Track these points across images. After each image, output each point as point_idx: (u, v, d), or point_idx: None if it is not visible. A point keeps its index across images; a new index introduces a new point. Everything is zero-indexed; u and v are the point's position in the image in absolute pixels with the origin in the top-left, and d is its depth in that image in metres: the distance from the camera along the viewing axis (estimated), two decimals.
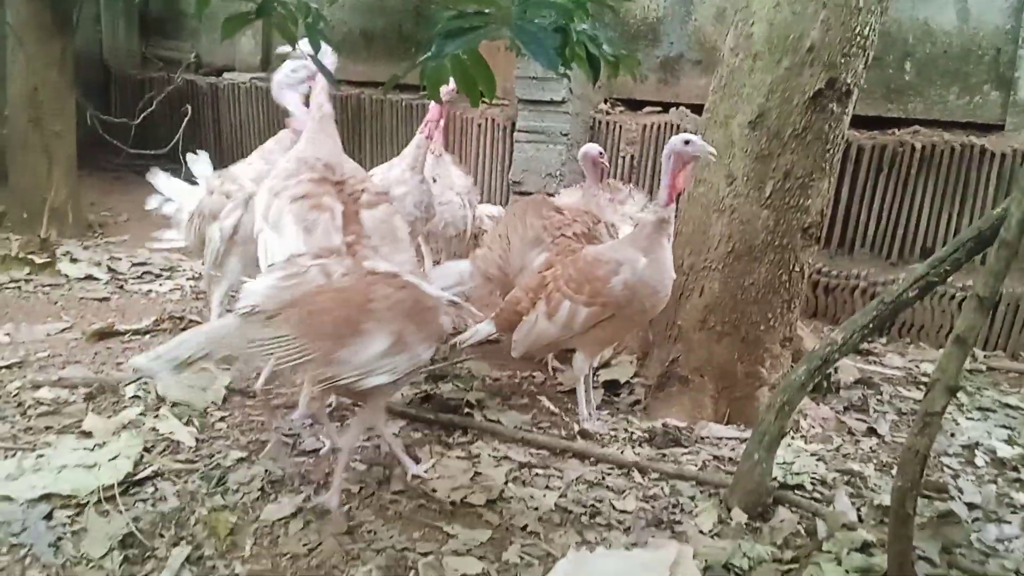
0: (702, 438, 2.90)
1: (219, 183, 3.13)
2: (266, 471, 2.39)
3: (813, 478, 2.58)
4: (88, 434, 2.52)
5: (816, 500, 2.45)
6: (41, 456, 2.35)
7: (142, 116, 6.11)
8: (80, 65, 6.50)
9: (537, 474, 2.52)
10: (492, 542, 2.15)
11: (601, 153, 3.56)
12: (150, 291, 4.18)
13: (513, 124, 5.17)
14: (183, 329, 3.44)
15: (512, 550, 2.11)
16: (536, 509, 2.31)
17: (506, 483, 2.43)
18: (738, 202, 3.01)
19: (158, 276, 4.41)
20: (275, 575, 1.97)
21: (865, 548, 2.16)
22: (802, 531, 2.29)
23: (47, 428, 2.57)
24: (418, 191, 3.46)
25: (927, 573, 2.10)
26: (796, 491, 2.49)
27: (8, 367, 3.04)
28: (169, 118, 6.29)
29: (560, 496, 2.39)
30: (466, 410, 2.93)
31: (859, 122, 4.32)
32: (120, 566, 1.93)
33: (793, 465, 2.66)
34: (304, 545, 2.07)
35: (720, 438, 2.90)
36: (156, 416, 2.66)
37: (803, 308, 3.74)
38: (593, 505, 2.36)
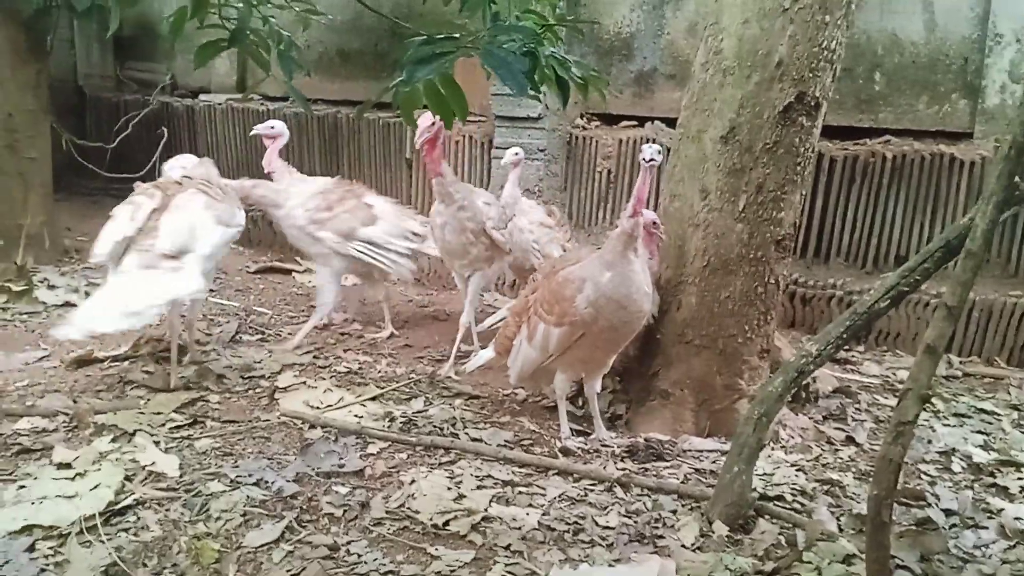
0: (684, 451, 2.92)
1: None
2: (248, 497, 2.38)
3: (793, 488, 2.61)
4: (68, 465, 2.50)
5: (796, 511, 2.47)
6: (22, 487, 2.34)
7: (118, 139, 6.08)
8: (55, 89, 6.46)
9: (520, 492, 2.53)
10: (476, 562, 2.15)
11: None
12: None
13: (491, 141, 5.20)
14: (162, 352, 3.43)
15: (496, 570, 2.12)
16: (519, 528, 2.31)
17: (490, 503, 2.44)
18: (712, 216, 3.05)
19: None
20: None
21: (846, 559, 2.18)
22: (783, 542, 2.31)
23: (26, 458, 2.56)
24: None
25: None
26: (776, 502, 2.51)
27: None
28: (145, 141, 6.27)
29: (543, 514, 2.39)
30: (450, 429, 2.94)
31: (831, 132, 4.39)
32: None
33: (773, 476, 2.69)
34: (288, 571, 2.06)
35: (701, 451, 2.92)
36: (134, 445, 2.65)
37: (781, 319, 3.80)
38: (576, 522, 2.37)
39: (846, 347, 3.42)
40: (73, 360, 3.40)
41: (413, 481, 2.54)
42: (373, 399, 3.20)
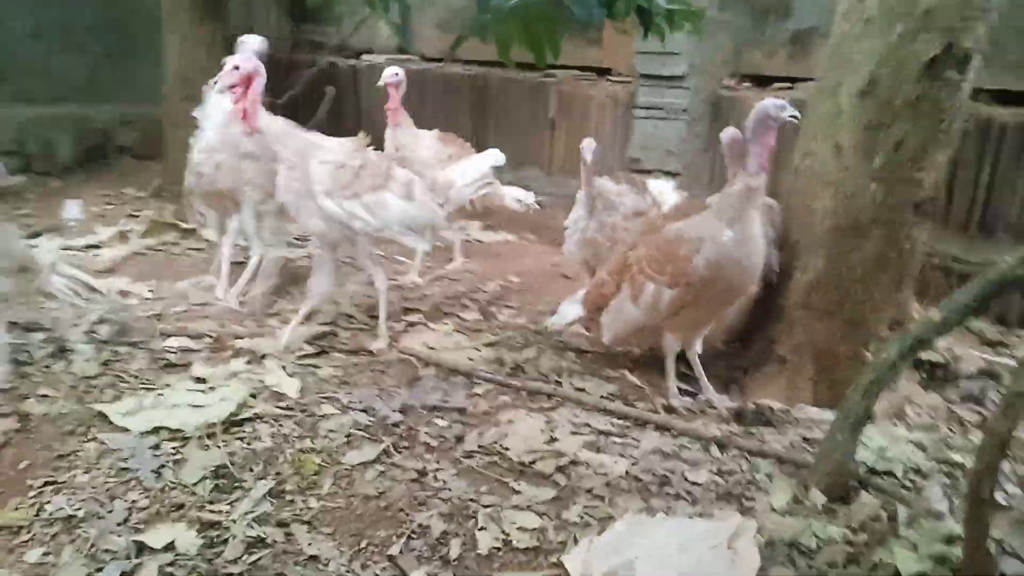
0: (796, 420, 2.81)
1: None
2: (354, 421, 2.53)
3: (907, 466, 2.45)
4: (203, 379, 2.74)
5: (906, 488, 2.33)
6: (160, 395, 2.60)
7: (286, 96, 6.48)
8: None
9: (614, 443, 2.53)
10: (555, 501, 2.19)
11: (584, 146, 3.35)
12: None
13: (634, 101, 5.13)
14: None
15: (573, 510, 2.15)
16: (605, 475, 2.33)
17: (580, 449, 2.46)
18: (845, 175, 2.88)
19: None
20: (346, 512, 2.10)
21: (948, 539, 2.04)
22: (883, 517, 2.18)
23: (169, 372, 2.83)
24: None
25: (1017, 572, 1.96)
26: (884, 477, 2.38)
27: (147, 318, 3.35)
28: (313, 98, 6.65)
29: (632, 464, 2.39)
30: (555, 377, 2.98)
31: (1004, 98, 4.00)
32: (210, 492, 2.12)
33: (888, 451, 2.53)
34: (376, 489, 2.19)
35: (815, 421, 2.80)
36: (264, 367, 2.87)
37: (935, 297, 3.52)
38: (664, 475, 2.35)
39: (972, 317, 3.07)
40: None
41: (510, 421, 2.60)
42: (488, 345, 3.28)
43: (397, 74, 4.25)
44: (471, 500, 2.16)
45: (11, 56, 5.74)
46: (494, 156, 3.47)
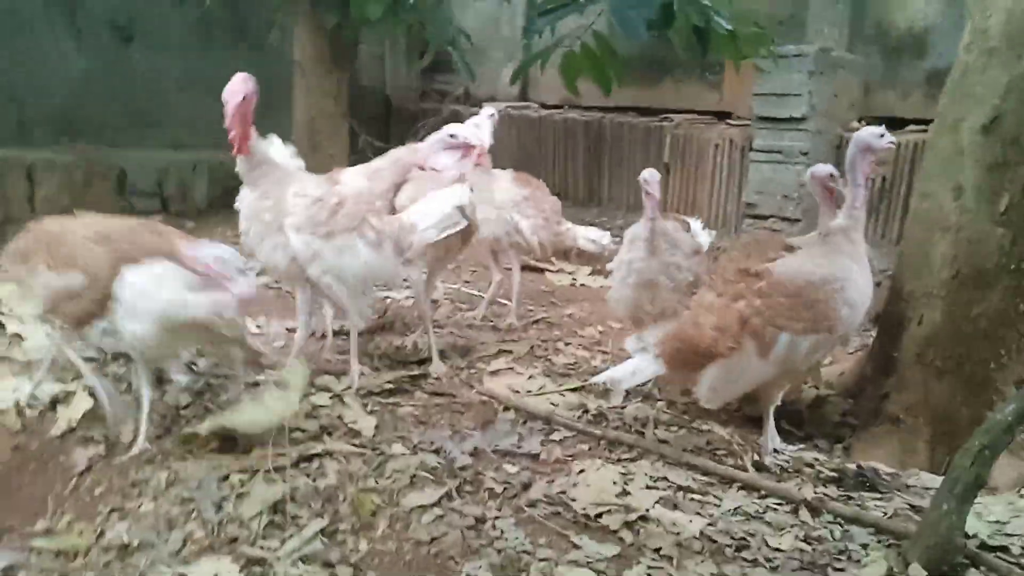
0: (906, 486, 2.54)
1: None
2: (422, 463, 2.48)
3: None
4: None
5: (1022, 567, 2.03)
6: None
7: (408, 143, 6.69)
8: (365, 98, 7.33)
9: (692, 500, 2.36)
10: (617, 559, 2.05)
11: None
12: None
13: (751, 144, 4.94)
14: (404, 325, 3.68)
15: (636, 570, 2.00)
16: (677, 534, 2.16)
17: (654, 504, 2.30)
18: (966, 219, 2.62)
19: None
20: (395, 557, 2.03)
21: None
22: None
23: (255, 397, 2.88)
24: None
25: None
26: (999, 554, 2.09)
27: (247, 351, 3.45)
28: None
29: (708, 524, 2.21)
30: (638, 428, 2.83)
31: None
32: (264, 527, 2.11)
33: (1008, 525, 2.24)
34: (430, 534, 2.12)
35: (928, 488, 2.51)
36: (344, 403, 2.88)
37: None
38: (743, 538, 2.16)
39: None
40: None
41: (582, 471, 2.48)
42: (573, 390, 3.17)
43: (493, 114, 4.22)
44: (525, 552, 2.05)
45: (167, 105, 6.23)
46: (458, 196, 3.13)
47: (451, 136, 3.12)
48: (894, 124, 4.82)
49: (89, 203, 5.48)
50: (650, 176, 2.95)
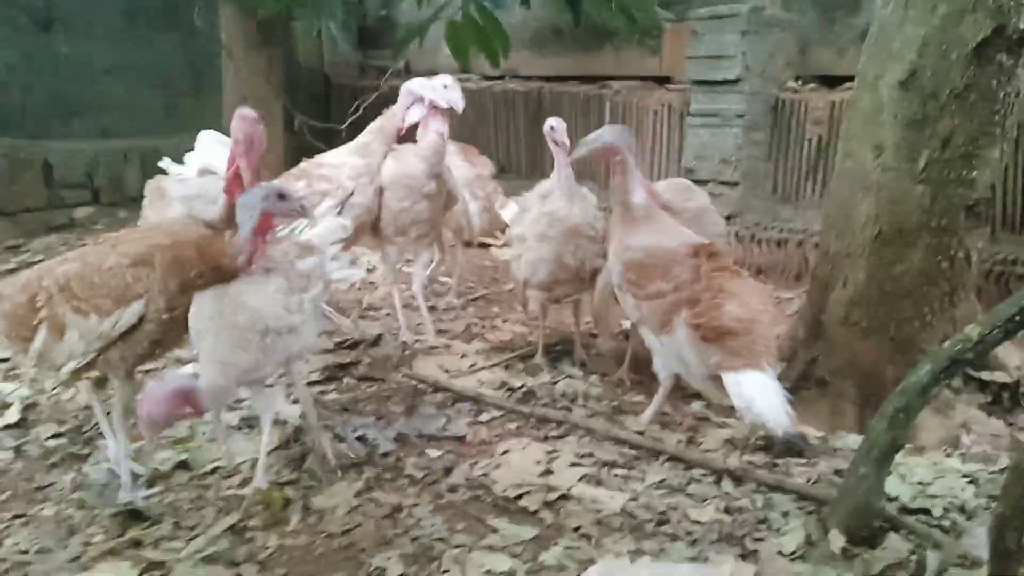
0: (834, 450, 2.52)
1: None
2: (341, 452, 2.41)
3: (951, 503, 2.14)
4: None
5: (943, 529, 2.02)
6: None
7: (348, 121, 6.53)
8: (303, 77, 7.15)
9: (615, 475, 2.32)
10: (535, 541, 2.00)
11: (553, 127, 2.96)
12: None
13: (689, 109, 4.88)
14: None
15: (553, 551, 1.95)
16: (598, 511, 2.12)
17: (576, 482, 2.26)
18: (887, 177, 2.59)
19: None
20: (304, 552, 1.97)
21: None
22: (911, 563, 1.89)
23: None
24: None
25: None
26: (921, 516, 2.07)
27: None
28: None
29: (630, 499, 2.17)
30: (567, 404, 2.78)
31: None
32: (171, 529, 2.03)
33: (931, 486, 2.23)
34: (343, 526, 2.06)
35: (855, 450, 2.50)
36: None
37: (989, 307, 3.14)
38: (664, 512, 2.12)
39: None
40: None
41: (505, 452, 2.43)
42: (502, 366, 3.12)
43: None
44: (440, 539, 1.99)
45: (94, 92, 6.00)
46: (333, 231, 2.55)
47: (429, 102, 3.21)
48: (831, 82, 4.81)
49: (15, 198, 5.31)
50: (556, 124, 2.91)
